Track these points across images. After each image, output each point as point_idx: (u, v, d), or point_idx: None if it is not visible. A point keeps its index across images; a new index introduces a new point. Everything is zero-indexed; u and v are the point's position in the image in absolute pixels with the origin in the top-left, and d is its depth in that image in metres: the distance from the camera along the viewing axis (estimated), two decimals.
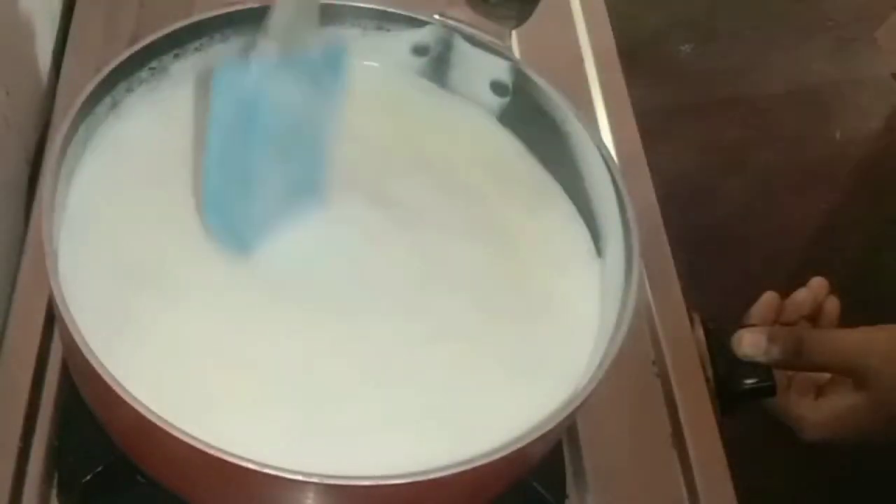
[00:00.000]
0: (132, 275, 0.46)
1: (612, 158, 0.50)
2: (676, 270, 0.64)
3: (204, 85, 0.51)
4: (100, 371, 0.39)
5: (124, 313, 0.45)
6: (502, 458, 0.40)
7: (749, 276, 0.74)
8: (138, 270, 0.46)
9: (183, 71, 0.51)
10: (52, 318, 0.55)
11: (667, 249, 0.64)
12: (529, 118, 0.53)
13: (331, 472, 0.39)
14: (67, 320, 0.40)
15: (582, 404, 0.43)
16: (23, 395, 0.54)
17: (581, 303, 0.50)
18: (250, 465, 0.38)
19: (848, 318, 0.62)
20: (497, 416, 0.45)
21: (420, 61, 0.55)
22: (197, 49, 0.51)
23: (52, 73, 0.69)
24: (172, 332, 0.45)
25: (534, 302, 0.49)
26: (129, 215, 0.48)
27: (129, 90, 0.50)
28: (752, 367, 0.57)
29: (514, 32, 0.53)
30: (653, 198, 0.66)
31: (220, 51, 0.52)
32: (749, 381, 0.57)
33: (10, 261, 0.59)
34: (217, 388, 0.43)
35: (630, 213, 0.48)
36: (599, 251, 0.51)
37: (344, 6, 0.53)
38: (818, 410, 0.59)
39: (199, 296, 0.46)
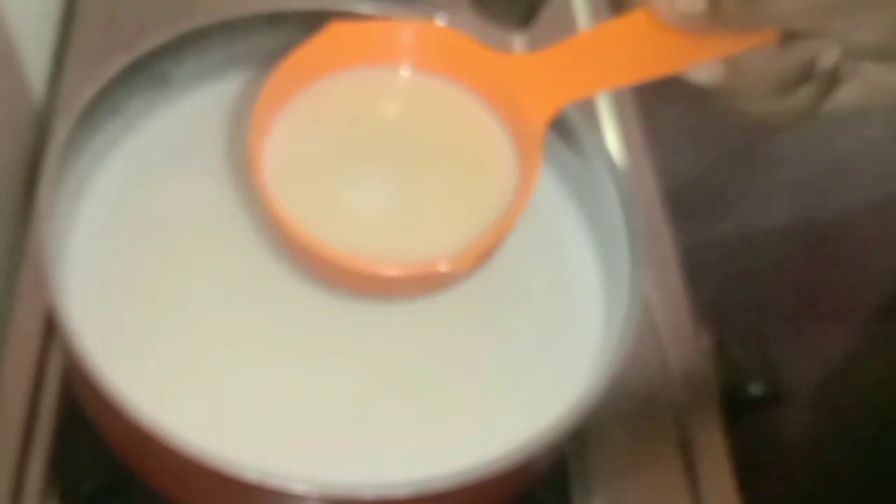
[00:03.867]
0: (140, 286, 0.46)
1: (616, 163, 0.50)
2: (682, 278, 0.63)
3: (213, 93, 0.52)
4: (101, 381, 0.39)
5: (129, 324, 0.44)
6: (506, 469, 0.40)
7: (756, 282, 0.74)
8: (147, 282, 0.46)
9: (186, 78, 0.51)
10: (52, 328, 0.55)
11: (672, 257, 0.64)
12: None
13: (333, 485, 0.39)
14: (68, 330, 0.40)
15: (586, 414, 0.43)
16: (21, 408, 0.53)
17: (585, 311, 0.49)
18: (251, 477, 0.38)
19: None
20: (500, 426, 0.44)
21: None
22: (198, 56, 0.51)
23: (53, 78, 0.69)
24: (179, 344, 0.44)
25: (537, 311, 0.49)
26: (141, 228, 0.48)
27: (129, 97, 0.49)
28: (758, 374, 0.57)
29: (517, 36, 0.53)
30: (658, 203, 0.65)
31: (223, 57, 0.51)
32: (755, 390, 0.57)
33: (7, 270, 0.59)
34: (223, 401, 0.43)
35: (635, 220, 0.48)
36: (604, 259, 0.51)
37: (345, 10, 0.53)
38: None
39: (208, 310, 0.46)
